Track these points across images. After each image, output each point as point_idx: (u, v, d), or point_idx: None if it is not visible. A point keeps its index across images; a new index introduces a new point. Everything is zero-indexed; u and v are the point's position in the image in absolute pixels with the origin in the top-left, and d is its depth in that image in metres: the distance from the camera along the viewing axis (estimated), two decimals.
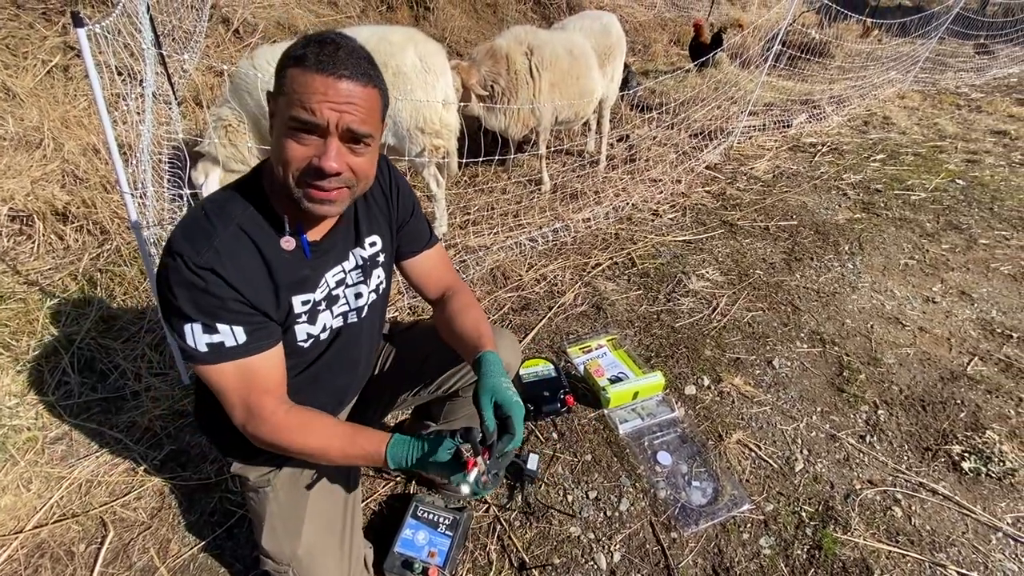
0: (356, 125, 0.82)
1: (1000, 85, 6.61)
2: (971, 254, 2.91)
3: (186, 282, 0.83)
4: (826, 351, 2.17)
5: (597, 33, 3.28)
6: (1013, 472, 1.66)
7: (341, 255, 1.03)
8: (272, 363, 0.92)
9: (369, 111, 0.84)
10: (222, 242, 0.85)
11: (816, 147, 4.34)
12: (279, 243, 0.92)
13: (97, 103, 1.37)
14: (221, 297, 0.85)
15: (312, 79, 0.79)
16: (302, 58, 0.79)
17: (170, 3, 3.55)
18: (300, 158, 0.82)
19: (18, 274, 2.15)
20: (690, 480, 1.63)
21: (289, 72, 0.80)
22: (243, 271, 0.87)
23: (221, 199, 0.91)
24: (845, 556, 1.43)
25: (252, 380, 0.89)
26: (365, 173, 0.89)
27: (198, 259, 0.83)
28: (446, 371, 1.30)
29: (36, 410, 1.73)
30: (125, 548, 1.40)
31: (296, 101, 0.79)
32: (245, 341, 0.88)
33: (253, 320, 0.89)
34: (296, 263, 0.94)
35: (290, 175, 0.83)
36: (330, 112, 0.79)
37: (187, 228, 0.87)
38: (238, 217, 0.89)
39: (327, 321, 1.03)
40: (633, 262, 2.72)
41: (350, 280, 1.06)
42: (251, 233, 0.89)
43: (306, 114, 0.79)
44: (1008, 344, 2.24)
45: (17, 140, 2.57)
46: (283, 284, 0.93)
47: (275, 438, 0.90)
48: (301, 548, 1.07)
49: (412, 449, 0.91)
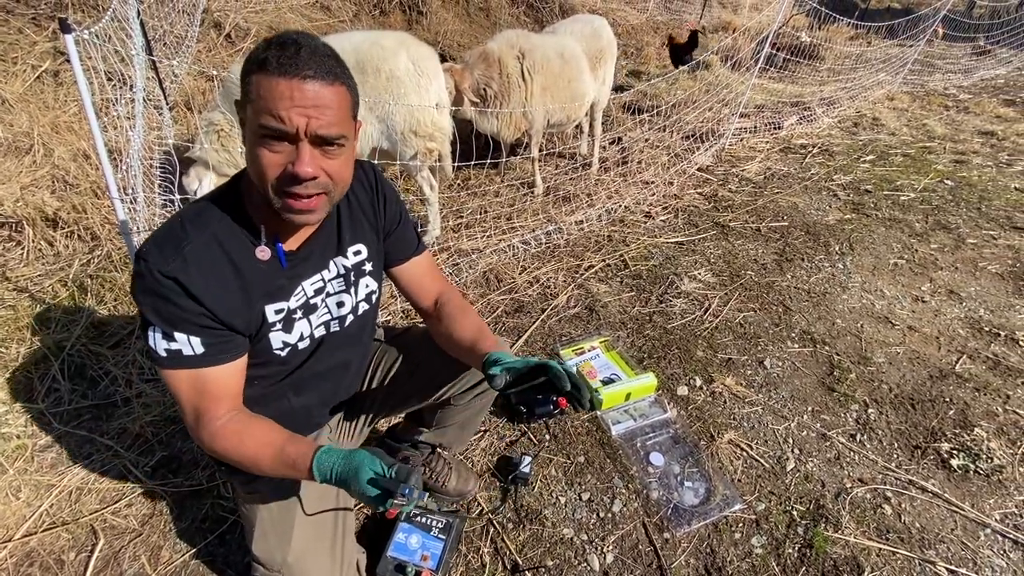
0: (326, 129, 0.80)
1: (987, 86, 6.69)
2: (959, 253, 2.94)
3: (148, 288, 0.83)
4: (817, 351, 2.18)
5: (588, 36, 3.30)
6: (1001, 469, 1.68)
7: (319, 264, 1.02)
8: (227, 375, 0.91)
9: (339, 111, 0.81)
10: (192, 250, 0.85)
11: (807, 148, 4.38)
12: (254, 253, 0.91)
13: (86, 109, 1.36)
14: (180, 307, 0.84)
15: (276, 83, 0.76)
16: (264, 62, 0.77)
17: (161, 8, 3.54)
18: (274, 165, 0.80)
19: (7, 281, 2.14)
20: (682, 480, 1.64)
21: (253, 78, 0.78)
22: (209, 282, 0.86)
23: (199, 207, 0.91)
24: (836, 554, 1.44)
25: (204, 389, 0.89)
26: (341, 176, 0.87)
27: (164, 267, 0.82)
28: (437, 379, 1.29)
29: (25, 417, 1.71)
30: (116, 556, 1.39)
31: (263, 108, 0.77)
32: (202, 353, 0.87)
33: (212, 333, 0.88)
34: (271, 273, 0.94)
35: (268, 185, 0.82)
36: (299, 117, 0.77)
37: (160, 235, 0.87)
38: (213, 226, 0.88)
39: (304, 330, 1.02)
40: (626, 264, 2.74)
41: (331, 289, 1.05)
42: (225, 242, 0.89)
43: (274, 121, 0.77)
44: (996, 342, 2.26)
45: (6, 146, 2.56)
46: (256, 294, 0.92)
47: (213, 445, 0.89)
48: (291, 554, 1.07)
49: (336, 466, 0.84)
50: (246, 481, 1.09)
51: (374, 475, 0.82)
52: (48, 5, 3.46)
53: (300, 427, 1.16)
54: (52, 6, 3.46)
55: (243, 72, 0.81)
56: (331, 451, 0.86)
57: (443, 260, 2.66)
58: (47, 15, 3.40)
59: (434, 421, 1.44)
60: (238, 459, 0.90)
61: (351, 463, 0.84)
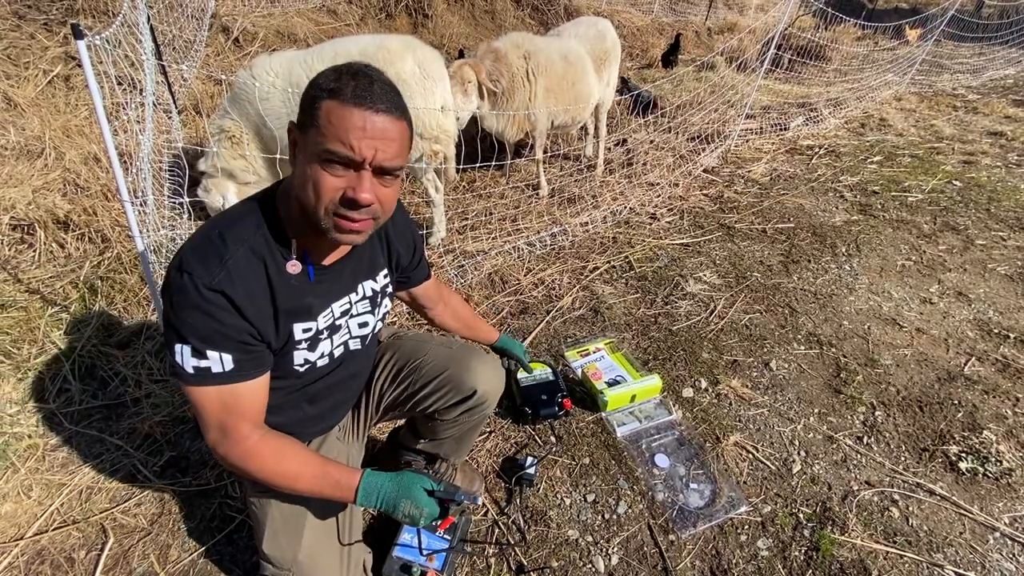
0: (389, 161, 0.83)
1: (996, 86, 6.64)
2: (968, 255, 2.92)
3: (191, 303, 0.83)
4: (823, 353, 2.17)
5: (592, 39, 3.31)
6: (1010, 472, 1.66)
7: (349, 286, 1.05)
8: (254, 391, 0.92)
9: (401, 145, 0.85)
10: (235, 263, 0.85)
11: (813, 150, 4.36)
12: (285, 267, 0.92)
13: (97, 113, 1.39)
14: (222, 322, 0.84)
15: (350, 113, 0.79)
16: (337, 91, 0.79)
17: (170, 13, 3.58)
18: (333, 189, 0.82)
19: (19, 282, 2.17)
20: (688, 482, 1.63)
21: (324, 104, 0.80)
22: (251, 296, 0.87)
23: (231, 219, 0.91)
24: (843, 557, 1.43)
25: (231, 406, 0.89)
26: (390, 205, 0.90)
27: (209, 280, 0.82)
28: (419, 393, 1.27)
29: (37, 417, 1.74)
30: (125, 554, 1.41)
31: (332, 134, 0.79)
32: (232, 369, 0.87)
33: (246, 348, 0.89)
34: (300, 288, 0.95)
35: (322, 206, 0.83)
36: (367, 149, 0.80)
37: (199, 246, 0.86)
38: (249, 239, 0.89)
39: (326, 348, 1.04)
40: (631, 265, 2.74)
41: (355, 311, 1.08)
42: (262, 256, 0.89)
43: (343, 148, 0.79)
44: (1005, 344, 2.24)
45: (19, 149, 2.60)
46: (283, 310, 0.93)
47: (245, 463, 0.90)
48: (302, 553, 1.08)
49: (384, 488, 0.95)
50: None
51: (426, 491, 0.93)
52: (59, 11, 3.51)
53: (312, 432, 1.18)
54: (63, 12, 3.52)
55: (308, 97, 0.82)
56: (377, 474, 0.94)
57: (448, 262, 2.67)
58: (58, 21, 3.45)
59: (427, 433, 1.44)
60: (272, 477, 0.92)
61: (401, 484, 0.94)
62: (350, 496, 0.94)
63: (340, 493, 0.94)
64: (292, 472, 0.93)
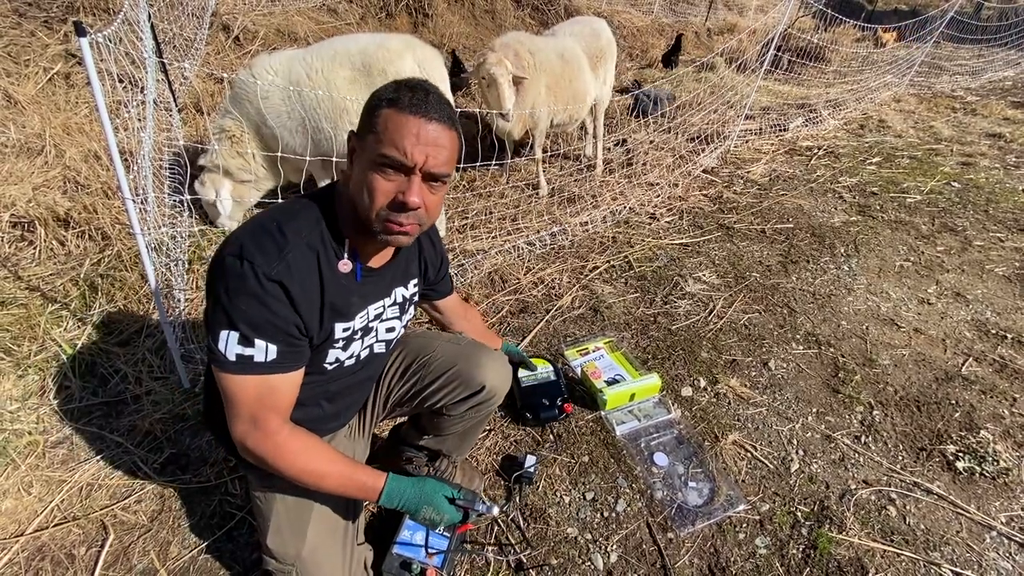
0: (439, 167, 0.88)
1: (995, 88, 6.66)
2: (966, 256, 2.93)
3: (248, 290, 0.84)
4: (822, 352, 2.18)
5: (587, 37, 3.32)
6: (1007, 471, 1.67)
7: (386, 290, 1.08)
8: (289, 385, 0.94)
9: (451, 153, 0.90)
10: (294, 257, 0.88)
11: (812, 151, 4.37)
12: (337, 265, 0.96)
13: (99, 110, 1.39)
14: (276, 312, 0.86)
15: (406, 120, 0.84)
16: (395, 100, 0.85)
17: (171, 11, 3.59)
18: (385, 192, 0.87)
19: (20, 280, 2.17)
20: (686, 481, 1.64)
21: (383, 112, 0.85)
22: (305, 289, 0.90)
23: (291, 211, 0.94)
24: (840, 556, 1.44)
25: (266, 398, 0.91)
26: (436, 210, 0.94)
27: (269, 270, 0.85)
28: (428, 389, 1.29)
29: (37, 414, 1.74)
30: (125, 551, 1.41)
31: (388, 140, 0.84)
32: (274, 359, 0.89)
33: (291, 341, 0.91)
34: (347, 287, 0.98)
35: (375, 208, 0.87)
36: (419, 154, 0.85)
37: (257, 236, 0.88)
38: (306, 234, 0.91)
39: (356, 349, 1.07)
40: (630, 265, 2.74)
41: (387, 315, 1.11)
42: (317, 252, 0.92)
43: (397, 153, 0.84)
44: (1002, 345, 2.25)
45: (19, 147, 2.59)
46: (329, 306, 0.95)
47: (273, 457, 0.91)
48: (306, 548, 1.08)
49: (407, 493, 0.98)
50: (265, 475, 1.10)
51: (447, 498, 1.00)
52: (60, 8, 3.51)
53: (325, 430, 1.20)
54: (63, 9, 3.52)
55: (369, 106, 0.89)
56: (401, 479, 0.98)
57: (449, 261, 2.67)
58: (59, 18, 3.45)
59: (432, 429, 1.45)
60: (299, 474, 0.93)
61: (423, 491, 0.99)
62: (373, 498, 0.97)
63: (363, 495, 0.98)
64: (320, 470, 0.94)
